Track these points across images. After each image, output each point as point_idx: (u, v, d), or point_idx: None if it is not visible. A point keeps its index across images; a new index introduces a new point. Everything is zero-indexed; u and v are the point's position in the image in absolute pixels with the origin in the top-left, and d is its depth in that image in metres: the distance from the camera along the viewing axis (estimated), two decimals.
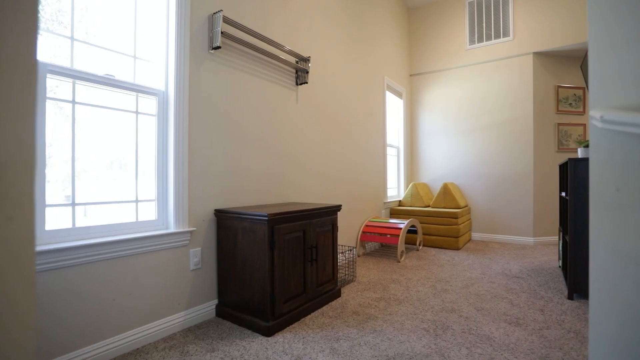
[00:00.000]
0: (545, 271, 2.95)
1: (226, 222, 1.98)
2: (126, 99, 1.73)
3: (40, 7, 1.35)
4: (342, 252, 2.98)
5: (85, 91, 1.56)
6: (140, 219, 1.78)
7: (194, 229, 1.92)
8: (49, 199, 1.44)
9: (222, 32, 1.99)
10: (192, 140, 1.94)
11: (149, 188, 1.83)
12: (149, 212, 1.83)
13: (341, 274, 2.83)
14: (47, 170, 1.44)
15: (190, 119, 1.93)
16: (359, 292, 2.46)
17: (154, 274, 1.75)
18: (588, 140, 2.48)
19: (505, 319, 1.97)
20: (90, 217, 1.59)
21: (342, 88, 3.37)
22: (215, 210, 2.03)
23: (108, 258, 1.56)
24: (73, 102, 1.52)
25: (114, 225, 1.65)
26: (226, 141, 2.14)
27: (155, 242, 1.74)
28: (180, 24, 1.86)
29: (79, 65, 1.54)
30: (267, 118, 2.46)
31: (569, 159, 2.24)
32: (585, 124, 4.25)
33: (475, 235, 4.53)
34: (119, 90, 1.69)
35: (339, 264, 3.08)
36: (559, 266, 3.06)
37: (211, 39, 2.02)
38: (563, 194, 2.70)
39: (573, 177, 2.24)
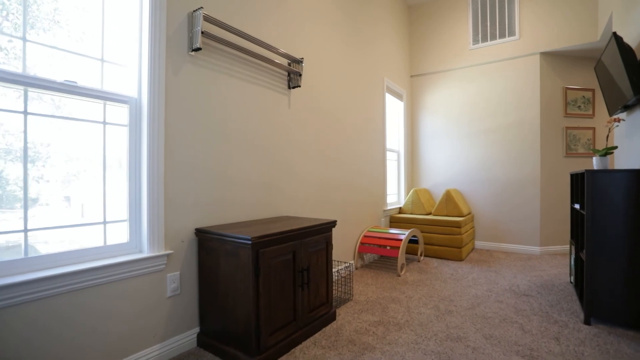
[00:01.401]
0: (556, 287, 2.76)
1: (208, 243, 1.79)
2: (92, 107, 1.54)
3: None
4: (337, 270, 2.79)
5: (41, 100, 1.37)
6: (109, 243, 1.58)
7: (171, 251, 1.72)
8: None
9: (202, 32, 1.80)
10: (169, 151, 1.74)
11: (120, 207, 1.64)
12: (120, 234, 1.63)
13: (337, 292, 2.64)
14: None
15: (168, 128, 1.73)
16: (355, 314, 2.27)
17: (124, 304, 1.55)
18: (605, 149, 2.28)
19: (518, 350, 1.77)
20: (49, 244, 1.40)
21: (338, 91, 3.17)
22: (196, 229, 1.83)
23: (68, 290, 1.36)
24: (25, 112, 1.32)
25: (76, 252, 1.45)
26: (210, 151, 1.94)
27: (125, 269, 1.55)
28: (155, 22, 1.67)
29: (32, 70, 1.35)
30: (256, 125, 2.26)
31: (586, 171, 2.04)
32: (594, 128, 4.05)
33: (479, 244, 4.33)
34: (82, 98, 1.49)
35: (335, 279, 2.89)
36: (571, 282, 2.86)
37: (191, 39, 1.82)
38: (577, 206, 2.50)
39: (590, 191, 2.04)
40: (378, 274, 3.17)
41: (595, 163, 2.32)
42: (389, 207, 4.08)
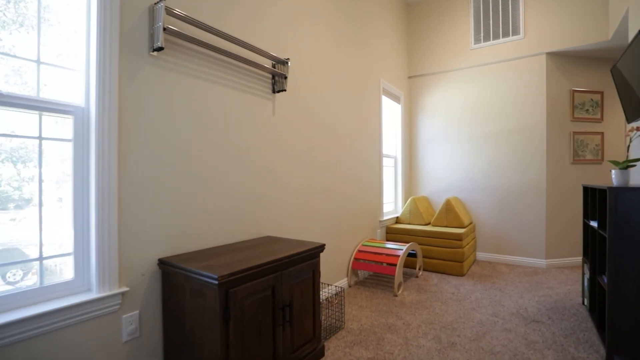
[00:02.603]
0: (568, 311, 2.51)
1: (172, 277, 1.52)
2: (24, 119, 1.26)
3: None
4: (327, 299, 2.53)
5: None
6: (46, 283, 1.31)
7: (127, 289, 1.45)
8: None
9: (165, 29, 1.53)
10: (124, 169, 1.47)
11: (63, 238, 1.37)
12: (63, 271, 1.36)
13: (326, 319, 2.38)
14: None
15: (123, 141, 1.46)
16: (347, 347, 2.01)
17: (68, 358, 1.28)
18: (626, 161, 2.04)
19: None
20: None
21: (330, 94, 2.90)
22: (159, 260, 1.57)
23: None
24: None
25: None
26: (178, 165, 1.67)
27: (67, 315, 1.28)
28: (105, 14, 1.39)
29: None
30: (236, 134, 1.99)
31: (609, 189, 1.79)
32: (603, 133, 3.81)
33: (481, 256, 4.09)
34: (7, 108, 1.22)
35: (324, 302, 2.63)
36: (584, 304, 2.62)
37: (152, 37, 1.55)
38: (594, 224, 2.25)
39: (614, 211, 1.80)
40: (373, 294, 2.91)
41: (615, 176, 2.08)
42: (385, 218, 3.83)
